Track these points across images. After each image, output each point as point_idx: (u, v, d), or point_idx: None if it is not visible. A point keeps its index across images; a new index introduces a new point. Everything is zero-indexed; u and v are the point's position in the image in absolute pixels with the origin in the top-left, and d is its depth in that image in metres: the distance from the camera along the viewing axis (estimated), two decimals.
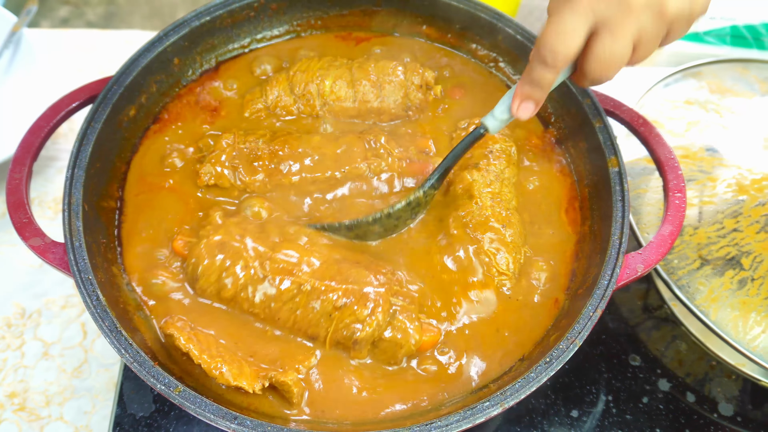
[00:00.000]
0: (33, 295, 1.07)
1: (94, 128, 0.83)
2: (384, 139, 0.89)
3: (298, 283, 0.76)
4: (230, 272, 0.77)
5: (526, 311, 0.82)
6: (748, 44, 1.24)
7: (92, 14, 2.76)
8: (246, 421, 0.66)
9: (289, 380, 0.72)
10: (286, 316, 0.77)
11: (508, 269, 0.83)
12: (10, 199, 0.78)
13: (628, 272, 0.78)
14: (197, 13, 0.94)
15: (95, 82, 0.88)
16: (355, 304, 0.75)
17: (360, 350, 0.76)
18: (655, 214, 0.98)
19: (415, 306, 0.79)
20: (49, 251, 0.76)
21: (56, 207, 1.16)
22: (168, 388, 0.67)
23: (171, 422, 0.89)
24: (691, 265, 0.92)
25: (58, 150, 1.22)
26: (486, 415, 0.68)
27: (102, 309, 0.71)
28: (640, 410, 0.95)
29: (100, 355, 1.02)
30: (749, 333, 0.88)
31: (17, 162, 0.80)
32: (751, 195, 0.94)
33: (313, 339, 0.78)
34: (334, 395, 0.75)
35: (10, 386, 0.99)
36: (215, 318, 0.79)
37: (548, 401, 0.94)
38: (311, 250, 0.79)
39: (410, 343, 0.76)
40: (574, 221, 0.89)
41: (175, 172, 0.89)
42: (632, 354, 0.99)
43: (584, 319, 0.74)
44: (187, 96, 0.96)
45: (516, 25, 0.97)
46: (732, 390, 0.97)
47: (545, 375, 0.70)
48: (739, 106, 1.10)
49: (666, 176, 0.85)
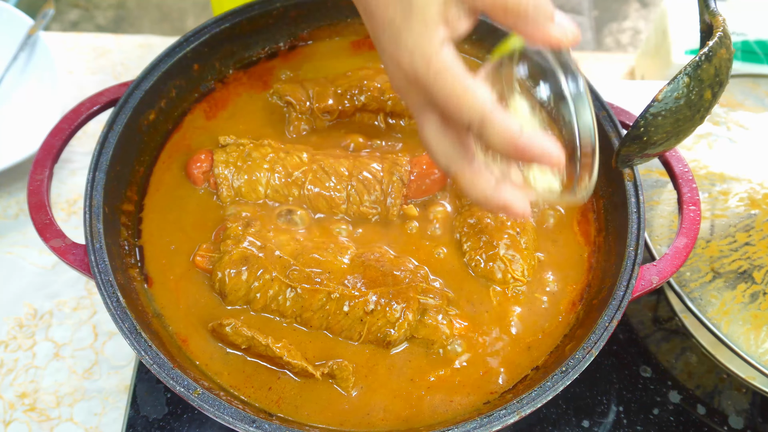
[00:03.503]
0: (45, 296, 1.07)
1: (115, 132, 0.84)
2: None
3: (326, 291, 0.77)
4: (257, 286, 0.78)
5: (540, 320, 0.83)
6: (758, 60, 1.25)
7: (102, 18, 2.78)
8: (264, 424, 0.66)
9: (345, 368, 0.75)
10: (319, 323, 0.79)
11: (523, 276, 0.84)
12: (32, 201, 0.78)
13: (643, 284, 0.79)
14: (217, 20, 0.95)
15: (116, 86, 0.89)
16: (386, 306, 0.76)
17: (395, 347, 0.79)
18: (667, 226, 0.99)
19: (444, 300, 0.80)
20: (69, 252, 0.76)
21: (69, 209, 1.17)
22: (187, 390, 0.67)
23: (184, 425, 0.89)
24: (704, 278, 0.93)
25: (72, 152, 1.23)
26: (503, 422, 0.68)
27: (122, 311, 0.72)
28: (651, 422, 0.95)
29: (110, 357, 1.02)
30: (761, 346, 0.88)
31: (38, 164, 0.81)
32: (763, 209, 0.95)
33: (349, 340, 0.79)
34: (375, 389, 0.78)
35: (21, 386, 0.99)
36: (253, 320, 0.80)
37: (559, 411, 0.94)
38: (334, 253, 0.80)
39: (442, 339, 0.78)
40: (587, 232, 0.90)
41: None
42: (643, 365, 1.00)
43: (600, 329, 0.74)
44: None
45: None
46: (742, 403, 0.98)
47: (561, 384, 0.71)
48: (750, 121, 1.11)
49: (680, 189, 0.86)
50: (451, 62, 0.58)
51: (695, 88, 0.75)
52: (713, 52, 0.75)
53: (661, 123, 0.76)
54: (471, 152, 0.63)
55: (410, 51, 0.58)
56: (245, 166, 0.86)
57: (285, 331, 0.79)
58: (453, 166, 0.63)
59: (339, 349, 0.79)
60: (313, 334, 0.79)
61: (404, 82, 0.61)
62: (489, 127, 0.57)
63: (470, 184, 0.63)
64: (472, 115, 0.57)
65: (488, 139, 0.57)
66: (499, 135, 0.57)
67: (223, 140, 0.89)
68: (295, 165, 0.87)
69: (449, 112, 0.58)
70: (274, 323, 0.80)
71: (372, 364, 0.78)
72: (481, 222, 0.86)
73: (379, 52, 0.63)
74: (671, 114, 0.75)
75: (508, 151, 0.58)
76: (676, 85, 0.75)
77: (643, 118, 0.76)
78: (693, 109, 0.76)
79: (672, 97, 0.75)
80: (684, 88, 0.75)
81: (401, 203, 0.87)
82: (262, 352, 0.76)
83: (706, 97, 0.76)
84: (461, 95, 0.56)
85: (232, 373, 0.76)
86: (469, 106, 0.56)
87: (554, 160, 0.58)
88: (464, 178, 0.63)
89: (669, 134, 0.77)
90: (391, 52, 0.60)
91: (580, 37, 0.63)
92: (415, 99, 0.61)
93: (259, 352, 0.76)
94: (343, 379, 0.75)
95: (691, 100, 0.75)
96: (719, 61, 0.76)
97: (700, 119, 0.78)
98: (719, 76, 0.76)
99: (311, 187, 0.86)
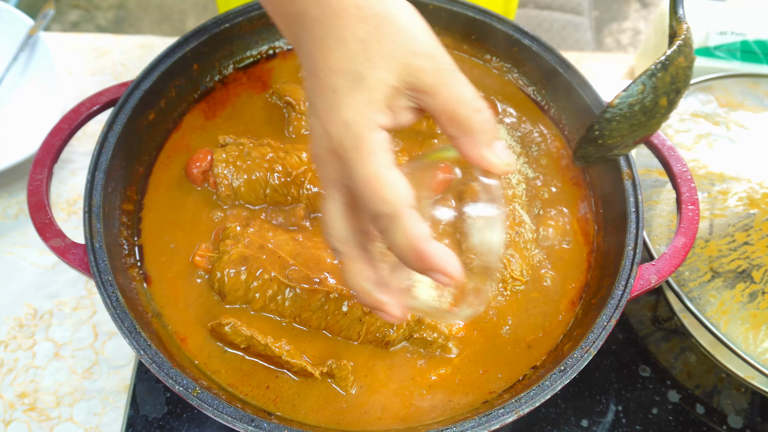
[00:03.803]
0: (45, 296, 1.08)
1: (115, 131, 0.84)
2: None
3: (325, 291, 0.77)
4: (256, 286, 0.78)
5: (539, 319, 0.83)
6: (758, 60, 1.25)
7: (102, 19, 2.78)
8: (263, 423, 0.66)
9: (343, 367, 0.75)
10: (318, 323, 0.79)
11: (521, 275, 0.84)
12: (31, 200, 0.78)
13: (642, 283, 0.79)
14: (217, 20, 0.95)
15: (115, 86, 0.89)
16: None
17: (393, 346, 0.79)
18: (666, 226, 0.99)
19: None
20: (69, 252, 0.76)
21: (69, 209, 1.17)
22: (186, 390, 0.68)
23: (183, 424, 0.89)
24: (702, 278, 0.93)
25: (72, 153, 1.23)
26: (501, 421, 0.68)
27: (122, 310, 0.72)
28: (650, 421, 0.95)
29: (110, 357, 1.03)
30: (760, 346, 0.88)
31: (38, 163, 0.81)
32: (762, 209, 0.95)
33: (348, 340, 0.79)
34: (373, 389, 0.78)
35: (20, 386, 0.99)
36: (252, 319, 0.80)
37: (558, 410, 0.94)
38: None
39: (440, 339, 0.78)
40: (586, 232, 0.90)
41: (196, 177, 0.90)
42: (642, 365, 1.00)
43: (599, 329, 0.74)
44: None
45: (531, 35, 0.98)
46: (741, 403, 0.98)
47: (560, 383, 0.71)
48: (749, 121, 1.11)
49: (679, 189, 0.86)
50: (382, 149, 0.55)
51: (650, 95, 0.76)
52: (670, 60, 0.76)
53: (616, 127, 0.77)
54: (366, 241, 0.60)
55: (345, 123, 0.55)
56: (245, 165, 0.86)
57: (284, 330, 0.79)
58: (344, 249, 0.60)
59: (338, 349, 0.79)
60: (312, 333, 0.80)
61: (325, 152, 0.57)
62: (397, 224, 0.54)
63: (353, 274, 0.60)
64: (385, 208, 0.54)
65: (392, 237, 0.55)
66: (405, 236, 0.54)
67: (223, 140, 0.90)
68: (295, 165, 0.87)
69: (362, 197, 0.55)
70: (273, 323, 0.80)
71: (371, 364, 0.78)
72: None
73: (308, 111, 0.60)
74: (626, 119, 0.76)
75: (407, 255, 0.55)
76: (631, 92, 0.76)
77: (598, 122, 0.77)
78: (648, 115, 0.77)
79: (626, 103, 0.76)
80: (639, 95, 0.76)
81: None
82: (261, 352, 0.76)
83: (662, 103, 0.77)
84: (380, 184, 0.54)
85: (229, 371, 0.76)
86: (384, 198, 0.54)
87: (450, 278, 0.56)
88: (350, 266, 0.60)
89: (625, 138, 0.78)
90: (324, 119, 0.56)
91: (514, 169, 0.63)
92: (331, 172, 0.58)
93: (258, 352, 0.77)
94: (342, 378, 0.75)
95: (646, 106, 0.77)
96: (676, 69, 0.77)
97: (656, 124, 0.80)
98: (676, 84, 0.77)
99: (310, 186, 0.86)
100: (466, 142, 0.59)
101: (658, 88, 0.76)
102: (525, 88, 1.03)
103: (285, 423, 0.68)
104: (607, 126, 0.78)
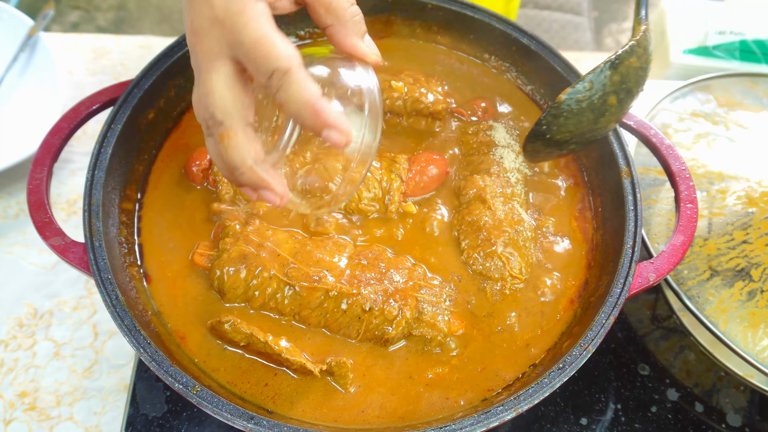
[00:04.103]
0: (45, 296, 1.08)
1: (115, 130, 0.84)
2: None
3: (324, 289, 0.77)
4: (256, 284, 0.79)
5: (538, 317, 0.83)
6: (756, 59, 1.25)
7: (102, 19, 2.79)
8: (262, 420, 0.66)
9: (343, 365, 0.75)
10: (317, 321, 0.79)
11: (520, 273, 0.84)
12: (31, 199, 0.79)
13: (640, 281, 0.79)
14: None
15: (115, 86, 0.89)
16: (383, 304, 0.76)
17: (393, 344, 0.79)
18: (665, 224, 0.99)
19: (441, 298, 0.80)
20: (69, 251, 0.76)
21: (69, 209, 1.17)
22: (186, 387, 0.68)
23: (183, 423, 0.89)
24: (701, 276, 0.93)
25: (72, 153, 1.23)
26: (500, 419, 0.68)
27: (121, 308, 0.72)
28: (649, 419, 0.95)
29: (110, 356, 1.03)
30: (758, 344, 0.88)
31: (38, 162, 0.81)
32: (761, 208, 0.95)
33: (347, 338, 0.79)
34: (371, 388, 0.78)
35: (21, 386, 0.99)
36: (251, 317, 0.80)
37: (557, 409, 0.94)
38: (333, 251, 0.80)
39: (439, 337, 0.79)
40: (585, 230, 0.90)
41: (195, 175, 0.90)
42: (641, 363, 1.00)
43: (597, 327, 0.74)
44: None
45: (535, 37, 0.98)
46: (740, 401, 0.98)
47: (558, 381, 0.71)
48: (748, 120, 1.11)
49: (678, 187, 0.86)
50: (266, 15, 0.57)
51: (598, 92, 0.77)
52: (620, 60, 0.77)
53: (564, 123, 0.78)
54: (250, 114, 0.61)
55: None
56: None
57: (283, 328, 0.80)
58: (229, 122, 0.59)
59: (337, 347, 0.79)
60: (312, 331, 0.80)
61: (208, 23, 0.58)
62: (293, 78, 0.56)
63: (239, 149, 0.60)
64: (279, 63, 0.56)
65: (288, 93, 0.56)
66: (300, 91, 0.56)
67: None
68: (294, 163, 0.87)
69: (253, 59, 0.56)
70: (272, 321, 0.80)
71: (370, 362, 0.78)
72: (479, 220, 0.86)
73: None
74: (573, 116, 0.77)
75: (303, 110, 0.56)
76: (578, 89, 0.77)
77: (545, 118, 0.78)
78: (596, 112, 0.78)
79: (573, 99, 0.77)
80: (586, 92, 0.77)
81: (400, 201, 0.87)
82: (260, 349, 0.76)
83: (611, 101, 0.78)
84: (272, 42, 0.56)
85: (228, 369, 0.77)
86: (276, 55, 0.56)
87: (344, 135, 0.57)
88: (235, 141, 0.59)
89: (573, 135, 0.78)
90: None
91: (381, 61, 0.66)
92: (214, 43, 0.58)
93: (257, 349, 0.77)
94: (341, 376, 0.76)
95: (594, 104, 0.77)
96: (627, 69, 0.77)
97: (606, 123, 0.80)
98: (626, 84, 0.78)
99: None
100: (340, 31, 0.64)
101: (606, 86, 0.77)
102: (523, 86, 1.03)
103: (283, 420, 0.68)
104: (554, 121, 0.79)
